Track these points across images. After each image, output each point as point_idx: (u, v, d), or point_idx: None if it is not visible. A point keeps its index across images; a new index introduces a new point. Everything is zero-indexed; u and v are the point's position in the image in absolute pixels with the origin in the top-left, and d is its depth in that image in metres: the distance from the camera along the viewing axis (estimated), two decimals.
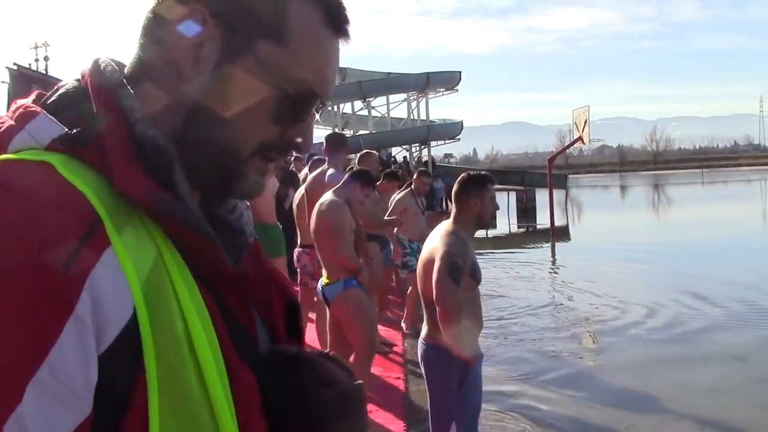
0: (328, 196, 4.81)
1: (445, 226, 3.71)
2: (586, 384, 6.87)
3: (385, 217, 7.96)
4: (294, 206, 6.87)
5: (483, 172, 4.01)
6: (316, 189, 5.77)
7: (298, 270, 6.61)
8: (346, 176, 5.02)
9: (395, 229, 8.42)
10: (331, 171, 5.83)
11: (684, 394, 6.55)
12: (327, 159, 6.00)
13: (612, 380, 6.95)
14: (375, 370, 5.81)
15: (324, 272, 4.77)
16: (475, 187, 3.69)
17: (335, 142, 5.90)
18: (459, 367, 3.60)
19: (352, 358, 4.77)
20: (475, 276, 3.62)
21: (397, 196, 8.77)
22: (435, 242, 3.65)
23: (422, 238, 7.84)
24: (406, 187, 9.00)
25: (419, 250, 7.67)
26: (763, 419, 5.87)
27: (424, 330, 3.74)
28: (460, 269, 3.47)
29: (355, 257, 4.77)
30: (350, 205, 4.78)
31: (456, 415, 3.63)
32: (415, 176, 9.14)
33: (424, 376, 3.77)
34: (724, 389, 6.68)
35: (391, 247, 8.52)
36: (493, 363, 7.54)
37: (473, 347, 3.65)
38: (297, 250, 6.62)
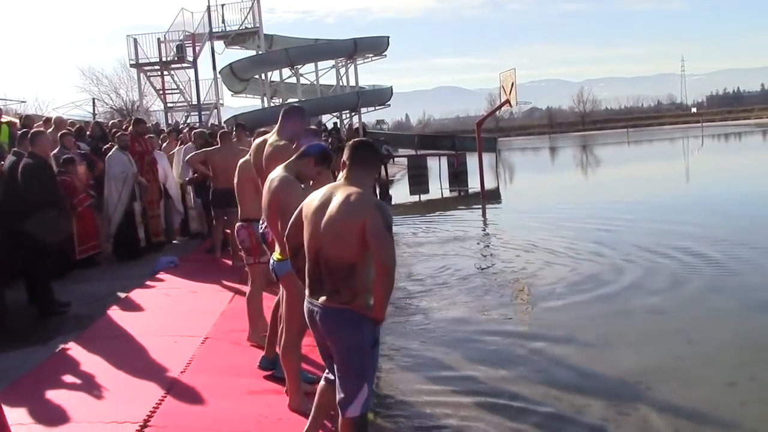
0: (279, 172, 4.63)
1: (352, 190, 3.60)
2: (516, 344, 7.01)
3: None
4: (235, 179, 6.57)
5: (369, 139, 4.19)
6: (257, 157, 5.60)
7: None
8: (300, 151, 4.78)
9: None
10: (273, 139, 5.53)
11: (607, 348, 6.78)
12: (276, 128, 5.71)
13: (540, 338, 7.11)
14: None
15: (277, 248, 4.65)
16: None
17: (286, 112, 5.61)
18: (369, 327, 3.60)
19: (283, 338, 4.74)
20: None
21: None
22: (351, 203, 3.53)
23: None
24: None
25: None
26: (677, 369, 6.11)
27: (329, 296, 3.59)
28: (391, 226, 3.50)
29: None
30: (301, 181, 4.63)
31: (368, 375, 3.64)
32: None
33: (333, 342, 3.64)
34: (644, 342, 6.93)
35: None
36: (424, 327, 7.63)
37: None
38: (237, 224, 6.41)
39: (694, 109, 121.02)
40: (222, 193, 8.86)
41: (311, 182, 4.73)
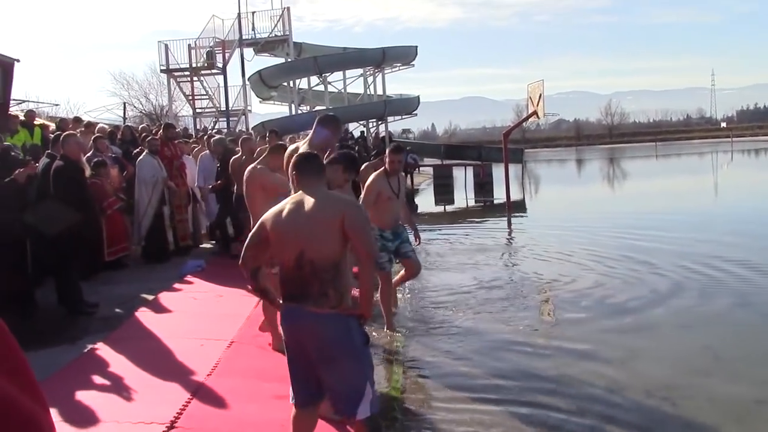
0: None
1: (318, 194, 3.67)
2: (540, 356, 6.97)
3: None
4: (244, 185, 6.59)
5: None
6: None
7: None
8: (329, 158, 4.80)
9: None
10: (305, 147, 5.52)
11: (633, 363, 6.70)
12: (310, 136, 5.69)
13: (565, 351, 7.06)
14: None
15: None
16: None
17: (320, 120, 5.55)
18: (357, 327, 3.62)
19: None
20: None
21: (369, 178, 7.59)
22: (326, 203, 3.61)
23: (396, 225, 7.71)
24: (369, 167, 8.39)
25: (392, 239, 7.57)
26: (704, 385, 6.03)
27: (317, 300, 3.54)
28: (367, 219, 3.70)
29: None
30: (330, 187, 4.66)
31: (368, 375, 3.66)
32: (387, 153, 7.76)
33: (326, 352, 3.57)
34: (671, 357, 6.84)
35: None
36: (449, 337, 7.61)
37: None
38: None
39: (723, 124, 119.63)
40: (239, 197, 8.99)
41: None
